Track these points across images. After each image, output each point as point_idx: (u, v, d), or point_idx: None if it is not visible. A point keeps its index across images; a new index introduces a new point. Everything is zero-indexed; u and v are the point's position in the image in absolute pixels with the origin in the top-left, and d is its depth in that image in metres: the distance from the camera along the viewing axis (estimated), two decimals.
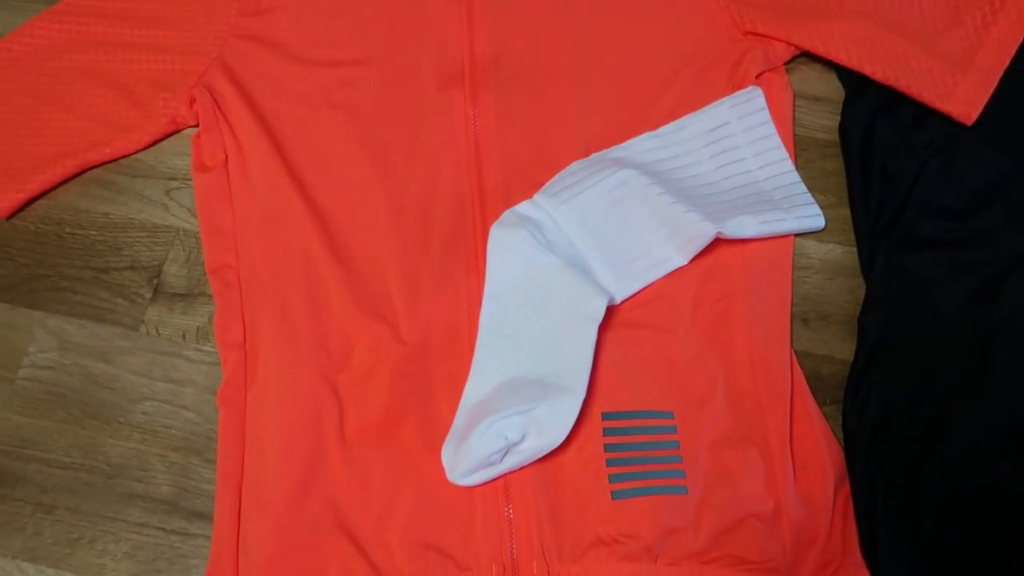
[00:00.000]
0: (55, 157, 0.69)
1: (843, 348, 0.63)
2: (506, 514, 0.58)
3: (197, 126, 0.69)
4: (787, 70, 0.70)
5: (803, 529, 0.57)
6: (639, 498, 0.56)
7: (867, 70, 0.66)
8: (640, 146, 0.67)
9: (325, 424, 0.60)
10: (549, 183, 0.66)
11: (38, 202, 0.69)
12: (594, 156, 0.67)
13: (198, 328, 0.65)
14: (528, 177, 0.67)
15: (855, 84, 0.69)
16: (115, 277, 0.66)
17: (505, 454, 0.57)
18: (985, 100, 0.65)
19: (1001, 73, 0.65)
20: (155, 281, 0.66)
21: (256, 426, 0.60)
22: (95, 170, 0.70)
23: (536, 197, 0.65)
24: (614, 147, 0.67)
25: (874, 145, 0.66)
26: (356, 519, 0.58)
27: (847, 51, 0.67)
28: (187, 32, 0.72)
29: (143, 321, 0.65)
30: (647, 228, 0.63)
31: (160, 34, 0.72)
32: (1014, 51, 0.66)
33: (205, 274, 0.65)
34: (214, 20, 0.72)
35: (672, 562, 0.56)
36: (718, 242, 0.63)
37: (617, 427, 0.58)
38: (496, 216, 0.65)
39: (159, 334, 0.65)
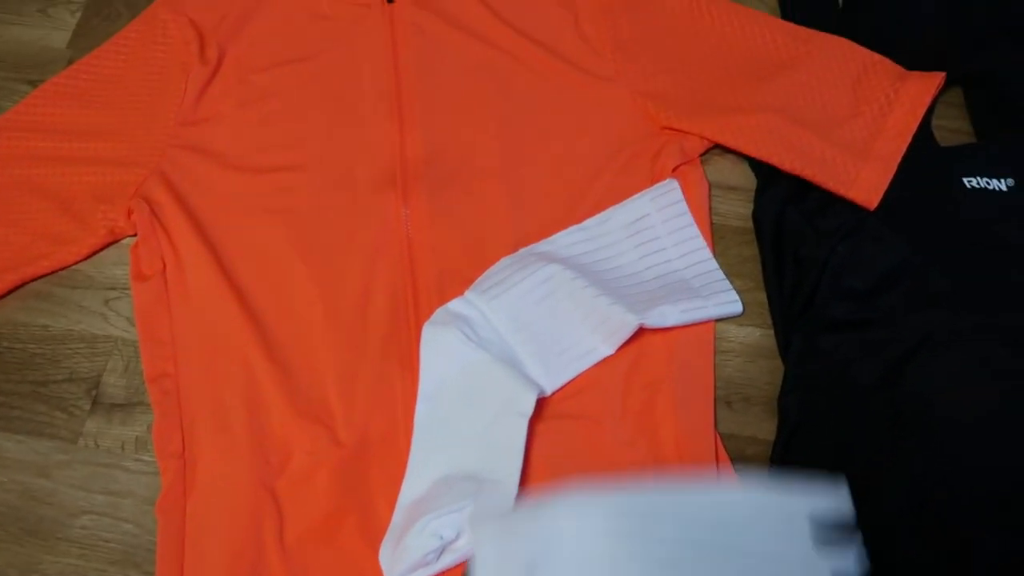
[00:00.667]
0: None
1: (765, 428, 0.65)
2: None
3: (135, 235, 0.71)
4: (702, 161, 0.74)
5: None
6: None
7: (775, 161, 0.70)
8: (565, 240, 0.70)
9: (265, 530, 0.61)
10: (479, 280, 0.69)
11: None
12: (522, 251, 0.70)
13: (137, 438, 0.66)
14: (460, 274, 0.69)
15: (765, 174, 0.73)
16: (53, 390, 0.67)
17: (441, 552, 0.58)
18: (885, 186, 0.69)
19: (899, 159, 0.70)
20: (94, 392, 0.67)
21: (195, 535, 0.61)
22: (34, 283, 0.71)
23: (467, 294, 0.68)
24: (541, 242, 0.70)
25: (785, 232, 0.70)
26: None
27: (755, 143, 0.71)
28: (126, 144, 0.74)
29: (82, 433, 0.66)
30: (573, 320, 0.66)
31: (100, 146, 0.74)
32: (910, 139, 0.70)
33: (144, 383, 0.66)
34: (153, 131, 0.74)
35: None
36: (643, 330, 0.65)
37: None
38: (430, 315, 0.67)
39: (98, 446, 0.65)
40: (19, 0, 0.83)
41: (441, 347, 0.65)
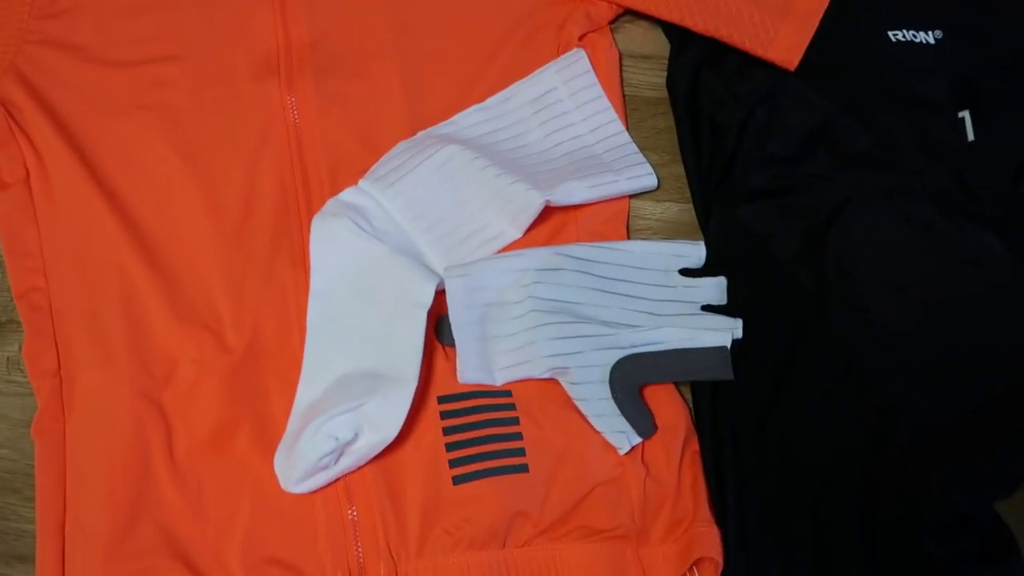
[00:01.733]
0: None
1: None
2: (350, 517, 0.55)
3: None
4: (612, 29, 0.68)
5: (652, 491, 0.56)
6: (480, 481, 0.55)
7: (688, 23, 0.65)
8: (466, 120, 0.65)
9: (152, 446, 0.56)
10: (374, 167, 0.63)
11: None
12: (420, 135, 0.65)
13: (8, 358, 0.61)
14: (354, 164, 0.64)
15: (680, 38, 0.68)
16: None
17: (340, 455, 0.55)
18: (805, 45, 0.64)
19: (820, 16, 0.65)
20: None
21: (77, 456, 0.57)
22: None
23: (360, 183, 0.62)
24: (441, 124, 0.65)
25: (701, 99, 0.65)
26: (192, 543, 0.55)
27: (667, 5, 0.65)
28: None
29: None
30: (476, 204, 0.61)
31: None
32: None
33: (12, 300, 0.60)
34: (4, 28, 0.67)
35: (521, 543, 0.54)
36: (553, 210, 0.61)
37: (454, 409, 0.57)
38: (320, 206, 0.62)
39: None
40: None
41: (332, 240, 0.60)
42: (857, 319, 0.59)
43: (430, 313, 0.57)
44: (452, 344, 0.57)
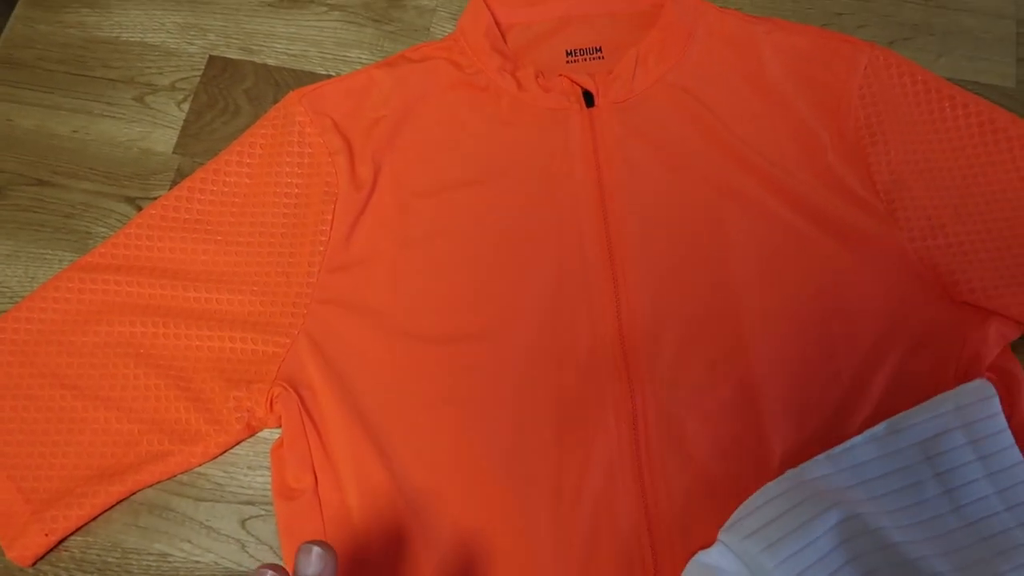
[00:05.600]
0: (94, 477, 0.53)
1: None
2: None
3: (276, 427, 0.54)
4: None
5: None
6: None
7: None
8: (851, 457, 0.53)
9: None
10: (735, 517, 0.52)
11: (72, 539, 0.53)
12: (789, 474, 0.53)
13: None
14: (705, 507, 0.52)
15: None
16: None
17: None
18: None
19: None
20: None
21: None
22: (146, 490, 0.54)
23: (724, 537, 0.51)
24: (817, 459, 0.53)
25: None
26: None
27: None
28: (259, 296, 0.57)
29: None
30: None
31: (225, 299, 0.57)
32: None
33: None
34: (293, 279, 0.57)
35: None
36: None
37: None
38: (672, 568, 0.51)
39: None
40: (110, 84, 0.65)
41: None
42: None
43: None
44: None
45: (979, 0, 0.67)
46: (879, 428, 0.54)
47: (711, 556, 0.50)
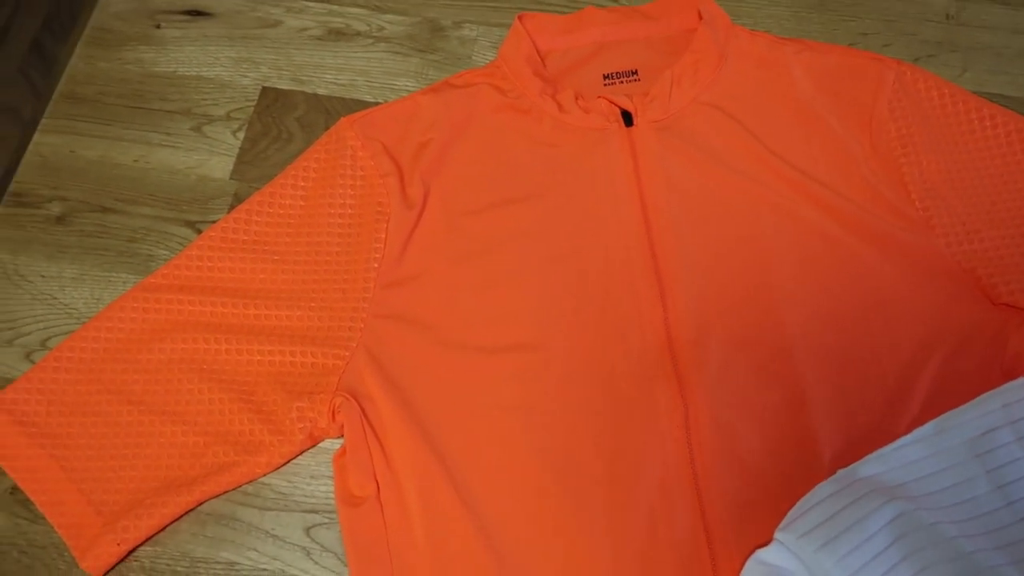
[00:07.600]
0: (162, 488, 0.54)
1: None
2: None
3: (338, 436, 0.56)
4: None
5: None
6: None
7: None
8: (901, 456, 0.54)
9: None
10: (793, 518, 0.52)
11: (141, 549, 0.54)
12: (841, 473, 0.54)
13: None
14: (760, 504, 0.53)
15: None
16: None
17: None
18: None
19: None
20: None
21: None
22: (213, 500, 0.55)
23: (780, 536, 0.52)
24: (867, 459, 0.54)
25: None
26: None
27: None
28: (318, 312, 0.59)
29: None
30: None
31: (285, 315, 0.59)
32: None
33: None
34: (350, 295, 0.59)
35: None
36: None
37: None
38: (729, 563, 0.51)
39: None
40: (168, 115, 0.68)
41: None
42: None
43: None
44: None
45: (997, 17, 0.70)
46: (927, 427, 0.55)
47: (769, 554, 0.51)
